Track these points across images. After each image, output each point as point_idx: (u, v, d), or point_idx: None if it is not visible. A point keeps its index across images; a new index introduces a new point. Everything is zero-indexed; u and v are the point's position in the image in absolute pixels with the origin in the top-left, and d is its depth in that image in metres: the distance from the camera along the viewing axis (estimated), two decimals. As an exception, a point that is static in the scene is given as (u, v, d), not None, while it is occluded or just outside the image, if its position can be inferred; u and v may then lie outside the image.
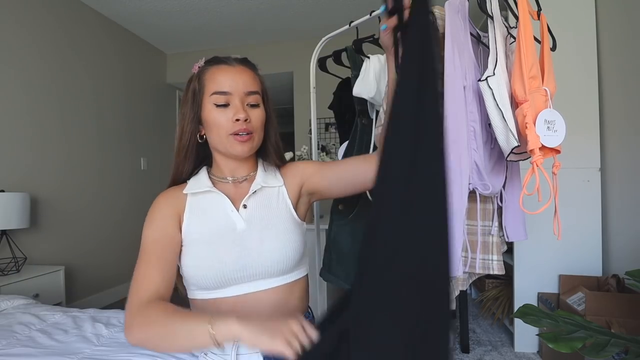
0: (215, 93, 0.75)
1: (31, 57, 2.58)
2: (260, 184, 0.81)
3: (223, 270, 0.71)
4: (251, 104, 0.77)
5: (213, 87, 0.75)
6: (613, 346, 0.89)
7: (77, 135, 2.95)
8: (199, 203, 0.78)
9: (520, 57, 0.92)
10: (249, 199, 0.79)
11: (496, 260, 1.23)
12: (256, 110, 0.78)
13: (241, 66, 0.78)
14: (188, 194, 0.79)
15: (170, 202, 0.78)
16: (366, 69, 1.50)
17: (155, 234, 0.74)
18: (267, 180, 0.82)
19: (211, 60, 0.80)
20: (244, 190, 0.81)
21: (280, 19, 3.42)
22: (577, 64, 1.95)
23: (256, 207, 0.79)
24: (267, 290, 0.74)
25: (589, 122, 1.95)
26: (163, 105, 4.11)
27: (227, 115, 0.74)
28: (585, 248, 1.94)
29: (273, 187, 0.83)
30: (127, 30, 3.53)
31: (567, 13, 1.96)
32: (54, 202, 2.70)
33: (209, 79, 0.76)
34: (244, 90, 0.76)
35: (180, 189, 0.81)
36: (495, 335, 2.27)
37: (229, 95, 0.75)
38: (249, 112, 0.76)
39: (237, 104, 0.75)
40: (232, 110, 0.75)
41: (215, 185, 0.80)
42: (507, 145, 0.99)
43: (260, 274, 0.73)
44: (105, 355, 1.19)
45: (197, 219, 0.76)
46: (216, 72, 0.77)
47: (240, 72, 0.77)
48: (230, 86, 0.75)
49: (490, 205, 1.26)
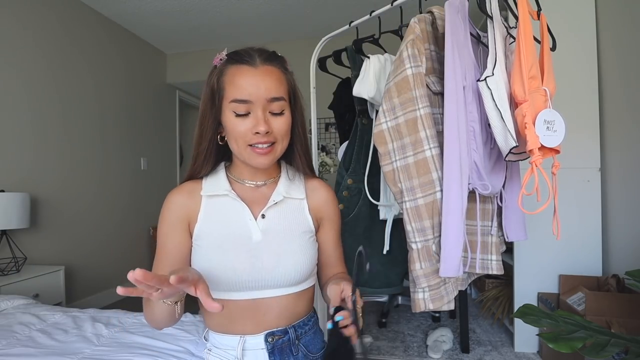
0: (235, 101, 0.68)
1: (32, 57, 2.58)
2: (282, 194, 0.76)
3: (235, 278, 0.71)
4: (274, 112, 0.70)
5: (232, 93, 0.68)
6: (613, 346, 0.89)
7: (77, 136, 2.95)
8: (215, 206, 0.75)
9: (520, 57, 0.92)
10: (268, 210, 0.75)
11: (495, 260, 1.23)
12: (280, 118, 0.70)
13: (265, 66, 0.69)
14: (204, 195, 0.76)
15: (184, 203, 0.75)
16: (366, 69, 1.50)
17: (163, 239, 0.74)
18: (289, 191, 0.77)
19: (233, 56, 0.72)
20: (263, 195, 0.77)
21: (280, 19, 3.42)
22: (577, 64, 1.95)
23: (275, 218, 0.75)
24: (276, 297, 0.74)
25: (589, 122, 1.95)
26: (163, 105, 4.11)
27: (247, 125, 0.68)
28: (585, 248, 1.94)
29: (294, 199, 0.78)
30: (127, 30, 3.53)
31: (567, 13, 1.96)
32: (54, 202, 2.71)
33: (229, 81, 0.69)
34: (266, 97, 0.68)
35: (196, 187, 0.77)
36: (495, 335, 2.27)
37: (250, 104, 0.68)
38: (271, 122, 0.69)
39: (258, 114, 0.68)
40: (252, 120, 0.68)
41: (233, 186, 0.76)
42: (506, 146, 0.99)
43: (272, 285, 0.73)
44: (105, 355, 1.19)
45: (212, 222, 0.74)
46: (237, 74, 0.69)
47: (264, 75, 0.68)
48: (251, 93, 0.67)
49: (490, 205, 1.26)
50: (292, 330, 0.74)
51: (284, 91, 0.71)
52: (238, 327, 0.72)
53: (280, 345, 0.73)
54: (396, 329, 2.39)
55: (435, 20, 1.20)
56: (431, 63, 1.22)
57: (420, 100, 1.11)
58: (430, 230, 1.12)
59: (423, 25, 1.18)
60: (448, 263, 1.07)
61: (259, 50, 0.72)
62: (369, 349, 2.10)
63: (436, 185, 1.11)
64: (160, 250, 0.75)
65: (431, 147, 1.11)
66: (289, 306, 0.74)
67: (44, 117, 2.67)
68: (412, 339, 2.25)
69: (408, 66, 1.12)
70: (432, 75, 1.21)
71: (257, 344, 0.72)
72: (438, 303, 1.14)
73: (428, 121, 1.11)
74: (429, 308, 1.13)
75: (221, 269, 0.71)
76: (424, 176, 1.12)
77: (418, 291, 1.13)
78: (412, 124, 1.12)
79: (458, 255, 1.07)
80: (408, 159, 1.13)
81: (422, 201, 1.12)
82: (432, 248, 1.13)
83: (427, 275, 1.12)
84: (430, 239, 1.13)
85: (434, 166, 1.11)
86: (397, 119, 1.14)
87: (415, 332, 2.34)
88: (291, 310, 0.75)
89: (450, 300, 1.18)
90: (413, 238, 1.14)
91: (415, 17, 1.19)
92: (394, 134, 1.15)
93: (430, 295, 1.13)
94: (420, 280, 1.13)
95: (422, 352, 2.07)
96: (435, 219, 1.11)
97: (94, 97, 3.12)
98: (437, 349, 2.02)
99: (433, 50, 1.23)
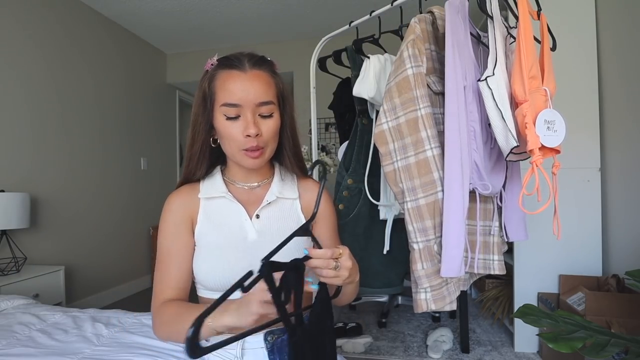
0: (225, 105, 0.71)
1: (32, 57, 2.58)
2: (275, 194, 0.79)
3: (232, 278, 0.71)
4: (263, 114, 0.73)
5: (223, 97, 0.71)
6: (613, 346, 0.89)
7: (77, 136, 2.95)
8: (213, 208, 0.78)
9: (520, 57, 0.92)
10: (262, 210, 0.78)
11: (497, 260, 1.23)
12: (269, 121, 0.73)
13: (255, 71, 0.72)
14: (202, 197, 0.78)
15: (183, 205, 0.77)
16: (366, 69, 1.50)
17: (169, 241, 0.75)
18: (282, 191, 0.80)
19: (224, 61, 0.74)
20: (258, 196, 0.80)
21: (280, 19, 3.42)
22: (577, 64, 1.95)
23: (269, 218, 0.78)
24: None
25: (589, 122, 1.94)
26: (163, 105, 4.11)
27: (238, 127, 0.71)
28: (585, 248, 1.93)
29: (288, 199, 0.81)
30: (127, 30, 3.53)
31: (567, 13, 1.96)
32: (54, 202, 2.70)
33: (220, 86, 0.72)
34: (255, 102, 0.71)
35: (194, 189, 0.79)
36: (495, 335, 2.27)
37: (240, 108, 0.71)
38: (260, 125, 0.72)
39: (248, 117, 0.71)
40: (242, 123, 0.71)
41: (229, 188, 0.79)
42: (507, 145, 0.99)
43: None
44: (106, 355, 1.19)
45: (211, 224, 0.76)
46: (227, 79, 0.72)
47: (253, 80, 0.71)
48: (241, 98, 0.70)
49: (490, 205, 1.27)
50: None
51: (272, 95, 0.74)
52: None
53: (279, 344, 0.73)
54: (396, 329, 2.39)
55: (436, 20, 1.21)
56: (432, 63, 1.22)
57: (421, 100, 1.11)
58: (432, 231, 1.12)
59: (423, 25, 1.18)
60: (449, 263, 1.07)
61: (248, 55, 0.75)
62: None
63: (437, 185, 1.11)
64: (164, 253, 0.76)
65: (432, 147, 1.11)
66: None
67: (44, 117, 2.66)
68: (412, 339, 2.25)
69: (409, 66, 1.12)
70: (433, 75, 1.21)
71: (256, 342, 0.73)
72: (440, 303, 1.14)
73: (429, 121, 1.11)
74: (431, 308, 1.13)
75: (219, 269, 0.73)
76: (425, 176, 1.12)
77: (420, 291, 1.13)
78: (413, 124, 1.12)
79: (459, 256, 1.07)
80: (409, 159, 1.13)
81: (424, 201, 1.12)
82: (433, 248, 1.13)
83: (429, 275, 1.12)
84: (432, 239, 1.13)
85: (435, 166, 1.11)
86: (398, 119, 1.14)
87: (415, 332, 2.34)
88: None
89: (453, 301, 1.18)
90: (415, 238, 1.14)
91: (416, 17, 1.19)
92: (395, 134, 1.15)
93: (432, 296, 1.13)
94: (422, 280, 1.13)
95: (422, 352, 2.07)
96: (437, 219, 1.12)
97: (93, 97, 3.12)
98: (437, 349, 2.02)
99: (433, 50, 1.23)
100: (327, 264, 0.59)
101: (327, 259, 0.59)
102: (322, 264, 0.59)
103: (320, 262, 0.59)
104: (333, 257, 0.60)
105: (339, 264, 0.60)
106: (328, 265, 0.59)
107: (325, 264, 0.59)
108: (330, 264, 0.59)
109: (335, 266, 0.60)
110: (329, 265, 0.59)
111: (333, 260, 0.60)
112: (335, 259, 0.60)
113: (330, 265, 0.59)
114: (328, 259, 0.59)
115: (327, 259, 0.59)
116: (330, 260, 0.60)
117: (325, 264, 0.59)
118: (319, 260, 0.59)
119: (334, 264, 0.60)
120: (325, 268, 0.59)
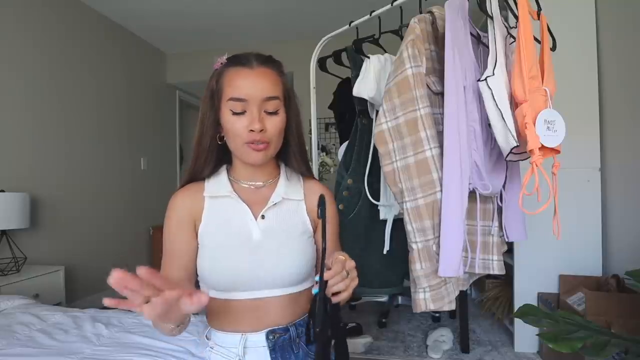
0: (232, 99, 0.71)
1: (31, 57, 2.58)
2: (281, 195, 0.79)
3: (236, 278, 0.73)
4: (269, 111, 0.73)
5: (230, 92, 0.72)
6: (613, 346, 0.89)
7: (77, 135, 2.95)
8: (218, 207, 0.77)
9: (520, 57, 0.92)
10: (268, 210, 0.77)
11: (496, 260, 1.23)
12: (274, 117, 0.73)
13: (262, 68, 0.73)
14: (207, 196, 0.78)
15: (188, 204, 0.77)
16: (366, 69, 1.50)
17: (173, 242, 0.76)
18: (288, 192, 0.80)
19: (232, 59, 0.76)
20: (263, 196, 0.79)
21: (280, 19, 3.42)
22: (577, 64, 1.95)
23: (274, 219, 0.77)
24: (277, 297, 0.75)
25: (589, 122, 1.94)
26: (163, 105, 4.11)
27: (243, 123, 0.71)
28: (585, 248, 1.93)
29: (293, 201, 0.80)
30: (127, 30, 3.53)
31: (567, 13, 1.96)
32: (54, 202, 2.70)
33: (227, 82, 0.73)
34: (261, 97, 0.71)
35: (199, 188, 0.79)
36: (495, 335, 2.27)
37: (246, 103, 0.71)
38: (265, 121, 0.72)
39: (253, 112, 0.71)
40: (248, 118, 0.71)
41: (234, 188, 0.79)
42: (506, 145, 0.99)
43: (272, 285, 0.74)
44: (106, 355, 1.19)
45: (215, 223, 0.76)
46: (235, 75, 0.73)
47: (260, 76, 0.72)
48: (247, 93, 0.71)
49: (490, 205, 1.26)
50: (294, 328, 0.75)
51: (278, 92, 0.75)
52: (240, 325, 0.74)
53: (281, 343, 0.74)
54: (396, 329, 2.39)
55: (436, 20, 1.21)
56: (431, 63, 1.22)
57: (421, 101, 1.11)
58: (431, 231, 1.12)
59: (423, 25, 1.18)
60: (447, 263, 1.07)
61: (256, 54, 0.76)
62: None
63: (436, 185, 1.11)
64: (168, 252, 0.76)
65: (431, 147, 1.11)
66: (290, 305, 0.76)
67: (44, 116, 2.66)
68: (412, 339, 2.25)
69: (408, 66, 1.12)
70: (433, 75, 1.21)
71: (258, 341, 0.73)
72: (439, 303, 1.14)
73: (428, 121, 1.11)
74: (429, 308, 1.13)
75: (223, 269, 0.73)
76: (424, 176, 1.12)
77: (419, 291, 1.14)
78: (413, 124, 1.12)
79: (458, 255, 1.07)
80: (408, 159, 1.13)
81: (423, 201, 1.12)
82: (432, 248, 1.13)
83: (428, 275, 1.12)
84: (431, 239, 1.13)
85: (434, 166, 1.11)
86: (397, 119, 1.14)
87: (415, 332, 2.34)
88: (292, 309, 0.76)
89: (452, 301, 1.18)
90: (413, 238, 1.14)
91: (416, 17, 1.19)
92: (395, 134, 1.15)
93: (431, 296, 1.13)
94: (420, 280, 1.13)
95: (422, 352, 2.07)
96: (436, 219, 1.12)
97: (94, 97, 3.12)
98: (437, 349, 2.02)
99: (433, 50, 1.23)
100: (342, 277, 0.60)
101: (339, 272, 0.60)
102: (339, 279, 0.60)
103: (338, 278, 0.60)
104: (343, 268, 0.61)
105: (347, 273, 0.61)
106: (343, 278, 0.60)
107: (341, 278, 0.60)
108: (343, 275, 0.60)
109: (347, 275, 0.61)
110: (343, 277, 0.60)
111: (345, 271, 0.61)
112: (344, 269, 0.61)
113: (344, 276, 0.60)
114: (340, 272, 0.60)
115: (340, 272, 0.60)
116: (343, 271, 0.60)
117: (341, 278, 0.60)
118: (335, 278, 0.59)
119: (345, 273, 0.61)
120: (341, 281, 0.60)
